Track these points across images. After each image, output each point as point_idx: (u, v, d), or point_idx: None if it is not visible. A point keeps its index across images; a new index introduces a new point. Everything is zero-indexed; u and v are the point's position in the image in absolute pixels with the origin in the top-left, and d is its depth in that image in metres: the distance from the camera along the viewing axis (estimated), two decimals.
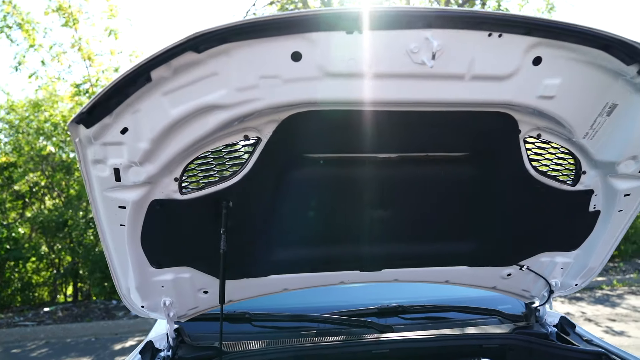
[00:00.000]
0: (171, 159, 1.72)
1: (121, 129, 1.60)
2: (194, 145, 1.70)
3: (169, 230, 1.99)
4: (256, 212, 2.01)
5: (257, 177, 1.87)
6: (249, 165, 1.83)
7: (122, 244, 1.96)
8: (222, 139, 1.75)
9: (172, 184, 1.83)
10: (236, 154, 1.84)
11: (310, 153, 1.91)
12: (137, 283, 2.11)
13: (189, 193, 1.89)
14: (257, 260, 2.20)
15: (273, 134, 1.74)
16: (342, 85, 1.57)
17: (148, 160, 1.69)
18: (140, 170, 1.72)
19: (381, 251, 2.30)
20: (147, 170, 1.72)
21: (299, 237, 2.20)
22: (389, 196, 2.13)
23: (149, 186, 1.79)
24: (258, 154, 1.80)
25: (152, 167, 1.72)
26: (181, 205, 1.89)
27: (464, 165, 2.04)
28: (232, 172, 1.87)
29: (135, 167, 1.70)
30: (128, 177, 1.73)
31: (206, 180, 1.89)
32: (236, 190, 1.89)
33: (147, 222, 1.91)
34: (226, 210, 1.93)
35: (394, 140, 1.91)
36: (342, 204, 2.13)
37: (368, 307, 2.58)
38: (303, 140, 1.81)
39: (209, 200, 1.91)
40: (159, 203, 1.87)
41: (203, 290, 2.26)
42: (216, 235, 2.00)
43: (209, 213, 1.97)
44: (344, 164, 1.99)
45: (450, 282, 2.49)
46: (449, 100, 1.68)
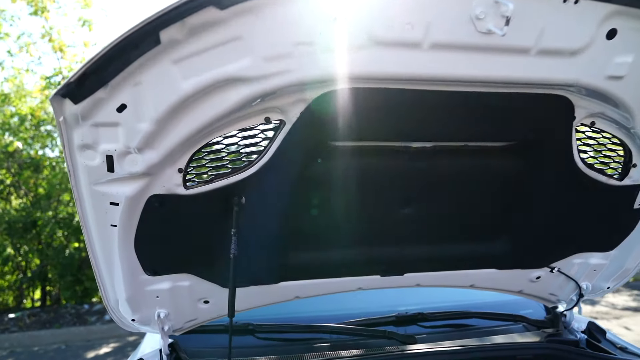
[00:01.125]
0: (177, 145, 1.39)
1: (118, 106, 1.27)
2: (205, 128, 1.39)
3: (169, 231, 1.66)
4: (271, 210, 1.70)
5: (276, 169, 1.56)
6: (268, 155, 1.53)
7: (112, 248, 1.62)
8: (238, 121, 1.44)
9: (176, 176, 1.50)
10: (253, 141, 1.53)
11: (337, 140, 1.62)
12: (128, 294, 1.77)
13: (195, 187, 1.56)
14: (268, 265, 1.89)
15: (300, 116, 1.44)
16: (391, 56, 1.29)
17: (149, 146, 1.36)
18: (138, 159, 1.39)
19: (405, 253, 2.03)
20: (147, 159, 1.39)
21: (316, 239, 1.90)
22: (418, 192, 1.86)
23: (148, 178, 1.46)
24: (280, 140, 1.49)
25: (154, 154, 1.39)
26: (184, 201, 1.57)
27: (506, 156, 1.79)
28: (247, 163, 1.56)
29: (133, 154, 1.37)
30: (123, 167, 1.40)
31: (216, 172, 1.57)
32: (250, 184, 1.58)
33: (143, 222, 1.58)
34: (238, 207, 1.62)
35: (433, 126, 1.63)
36: (367, 201, 1.84)
37: (384, 314, 2.31)
38: (333, 125, 1.51)
39: (218, 196, 1.60)
40: (159, 199, 1.54)
41: (204, 300, 1.94)
42: (224, 237, 1.68)
43: (216, 211, 1.65)
44: (373, 155, 1.71)
45: (476, 286, 2.24)
46: (507, 79, 1.41)
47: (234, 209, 1.62)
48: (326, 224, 1.86)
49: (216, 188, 1.57)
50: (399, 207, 1.88)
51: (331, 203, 1.81)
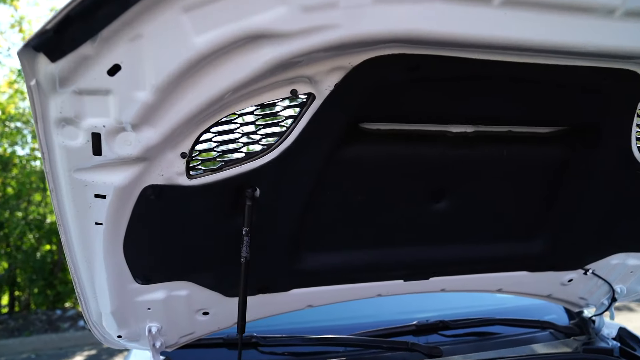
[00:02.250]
0: (181, 122, 1.09)
1: (110, 67, 0.96)
2: (218, 101, 1.09)
3: (166, 230, 1.36)
4: (288, 205, 1.42)
5: (299, 155, 1.28)
6: (291, 137, 1.24)
7: (96, 251, 1.30)
8: (257, 94, 1.15)
9: (178, 162, 1.20)
10: (274, 120, 1.25)
11: (373, 121, 1.35)
12: (115, 305, 1.45)
13: (200, 177, 1.26)
14: (279, 270, 1.61)
15: (335, 89, 1.16)
16: (455, 13, 1.02)
17: (147, 122, 1.06)
18: (133, 139, 1.08)
19: (432, 255, 1.78)
20: (144, 139, 1.09)
21: (335, 238, 1.63)
22: (454, 184, 1.61)
23: (144, 164, 1.16)
24: (307, 120, 1.21)
25: (152, 134, 1.09)
26: (187, 194, 1.27)
27: (553, 144, 1.55)
28: (264, 147, 1.27)
29: (127, 132, 1.07)
30: (113, 148, 1.09)
31: (226, 159, 1.28)
32: (267, 173, 1.29)
33: (136, 219, 1.27)
34: (251, 201, 1.33)
35: (478, 106, 1.38)
36: (396, 194, 1.58)
37: (402, 323, 2.04)
38: (372, 102, 1.24)
39: (228, 188, 1.30)
40: (156, 191, 1.23)
41: (203, 311, 1.64)
42: (232, 238, 1.39)
43: (225, 206, 1.35)
44: (409, 140, 1.45)
45: (504, 290, 2.00)
46: (582, 47, 1.16)
47: (246, 204, 1.33)
48: (348, 220, 1.58)
49: (226, 178, 1.27)
50: (431, 201, 1.62)
51: (357, 196, 1.53)
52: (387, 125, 1.40)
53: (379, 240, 1.68)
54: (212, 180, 1.27)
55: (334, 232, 1.60)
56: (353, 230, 1.62)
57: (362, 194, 1.54)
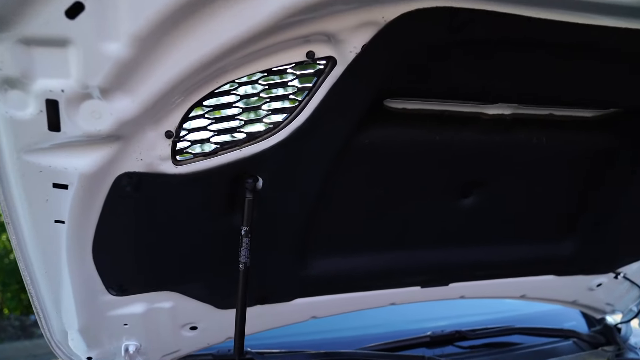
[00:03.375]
0: (167, 90, 0.83)
1: (68, 6, 0.69)
2: (214, 63, 0.83)
3: (146, 229, 1.09)
4: (295, 199, 1.16)
5: (313, 137, 1.03)
6: (304, 114, 0.98)
7: (58, 256, 1.03)
8: (264, 56, 0.89)
9: (161, 143, 0.94)
10: (283, 92, 1.00)
11: (396, 97, 1.11)
12: (83, 322, 1.18)
13: (189, 162, 1.00)
14: (282, 278, 1.35)
15: (362, 52, 0.91)
16: None
17: (122, 87, 0.80)
18: (103, 109, 0.82)
19: (453, 258, 1.54)
20: (118, 111, 0.82)
21: (346, 240, 1.38)
22: (483, 177, 1.38)
23: (117, 145, 0.89)
24: (325, 91, 0.96)
25: (128, 103, 0.82)
26: (172, 184, 1.00)
27: (602, 131, 1.33)
28: (269, 127, 1.01)
29: (94, 100, 0.80)
30: (77, 122, 0.82)
31: (221, 140, 1.02)
32: (273, 160, 1.04)
33: (107, 215, 1.00)
34: (252, 194, 1.07)
35: (521, 80, 1.14)
36: (416, 189, 1.34)
37: (413, 333, 1.81)
38: (401, 72, 1.00)
39: (223, 177, 1.04)
40: (133, 180, 0.96)
41: (190, 325, 1.37)
42: (227, 239, 1.14)
43: (219, 200, 1.09)
44: (436, 123, 1.21)
45: (527, 296, 1.79)
46: None
47: (246, 197, 1.07)
48: (363, 218, 1.34)
49: (221, 165, 1.01)
50: (457, 196, 1.39)
51: (374, 189, 1.29)
52: (415, 104, 1.16)
53: (396, 242, 1.44)
54: (204, 168, 1.01)
55: (346, 232, 1.35)
56: (367, 229, 1.38)
57: (380, 187, 1.30)
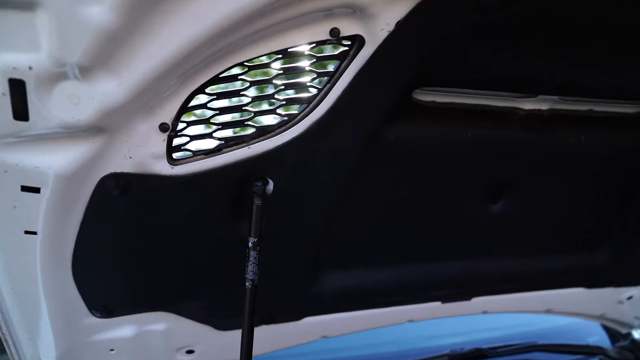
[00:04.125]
0: (161, 71, 0.68)
1: None
2: (219, 39, 0.68)
3: (135, 241, 0.92)
4: (310, 205, 1.00)
5: (333, 132, 0.87)
6: (325, 104, 0.83)
7: (29, 273, 0.86)
8: (278, 33, 0.74)
9: (155, 138, 0.78)
10: (301, 79, 0.84)
11: (428, 86, 0.95)
12: (62, 349, 1.00)
13: (187, 162, 0.83)
14: (291, 295, 1.18)
15: (396, 30, 0.76)
16: None
17: (106, 65, 0.63)
18: (82, 93, 0.65)
19: (478, 270, 1.39)
20: (102, 95, 0.66)
21: (361, 251, 1.22)
22: (514, 180, 1.23)
23: (101, 140, 0.73)
24: (350, 77, 0.80)
25: (114, 86, 0.66)
26: (167, 187, 0.84)
27: None
28: (284, 119, 0.85)
29: (71, 81, 0.64)
30: (49, 108, 0.65)
31: (226, 135, 0.86)
32: (286, 158, 0.88)
33: (89, 224, 0.83)
34: (261, 200, 0.91)
35: (564, 69, 1.00)
36: (441, 192, 1.19)
37: (432, 353, 1.65)
38: (437, 55, 0.85)
39: (228, 179, 0.88)
40: (120, 182, 0.80)
41: (186, 349, 1.19)
42: (231, 252, 0.97)
43: (222, 206, 0.93)
44: (467, 119, 1.06)
45: (553, 310, 1.64)
46: None
47: (254, 203, 0.91)
48: (381, 225, 1.18)
49: (226, 165, 0.85)
50: (486, 201, 1.24)
51: (394, 192, 1.14)
52: (445, 97, 1.02)
53: (418, 252, 1.28)
54: (205, 168, 0.85)
55: (363, 242, 1.19)
56: (386, 238, 1.22)
57: (403, 190, 1.14)
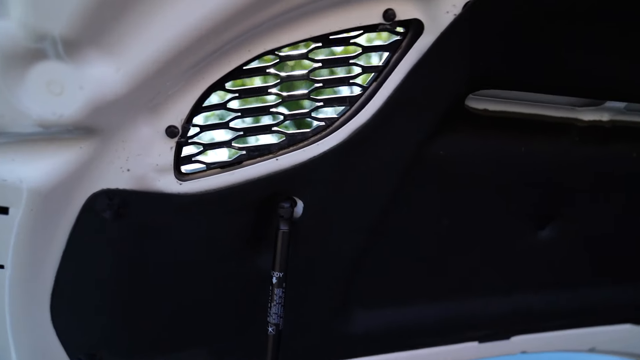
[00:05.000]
0: (170, 57, 0.52)
1: None
2: (245, 15, 0.52)
3: (130, 275, 0.74)
4: (345, 232, 0.83)
5: (379, 142, 0.71)
6: (373, 106, 0.66)
7: None
8: (318, 15, 0.59)
9: (160, 145, 0.60)
10: (343, 72, 0.68)
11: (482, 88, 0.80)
12: None
13: (200, 177, 0.66)
14: (317, 337, 0.99)
15: (464, 14, 0.60)
16: None
17: (100, 41, 0.48)
18: (66, 78, 0.49)
19: (520, 306, 1.21)
20: (93, 83, 0.50)
21: (396, 286, 1.04)
22: (566, 202, 1.07)
23: (90, 145, 0.56)
24: (404, 72, 0.64)
25: (110, 73, 0.50)
26: (173, 210, 0.66)
27: None
28: (320, 125, 0.69)
29: (51, 62, 0.48)
30: (20, 100, 0.49)
31: (249, 145, 0.69)
32: (322, 173, 0.71)
33: (73, 255, 0.66)
34: (288, 225, 0.74)
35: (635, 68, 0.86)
36: (486, 217, 1.02)
37: None
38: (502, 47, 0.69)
39: (248, 199, 0.71)
40: (114, 202, 0.62)
41: None
42: (248, 288, 0.79)
43: (238, 232, 0.75)
44: (520, 131, 0.91)
45: (597, 349, 1.45)
46: None
47: (279, 229, 0.73)
48: (420, 257, 1.01)
49: (247, 182, 0.68)
50: (532, 227, 1.07)
51: (438, 217, 0.97)
52: (498, 105, 0.86)
53: (457, 287, 1.11)
54: (221, 186, 0.67)
55: (399, 275, 1.02)
56: (425, 271, 1.05)
57: (445, 214, 0.98)
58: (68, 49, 0.46)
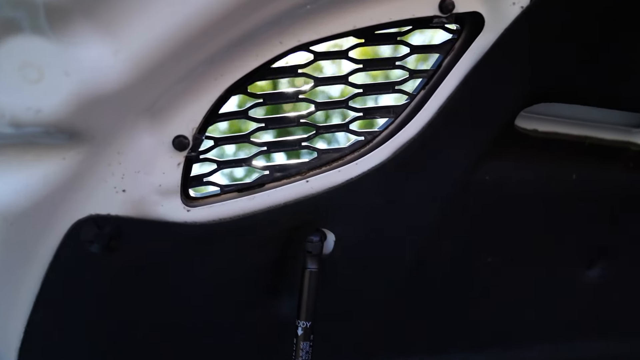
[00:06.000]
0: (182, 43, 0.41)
1: None
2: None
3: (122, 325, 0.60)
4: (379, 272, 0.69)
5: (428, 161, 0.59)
6: (421, 118, 0.55)
7: None
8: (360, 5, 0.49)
9: (164, 160, 0.48)
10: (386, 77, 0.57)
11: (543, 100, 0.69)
12: None
13: (212, 202, 0.54)
14: None
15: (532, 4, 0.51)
16: None
17: (92, 13, 0.37)
18: (46, 60, 0.37)
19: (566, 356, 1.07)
20: (83, 68, 0.38)
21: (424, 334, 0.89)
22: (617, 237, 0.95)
23: (76, 156, 0.44)
24: (460, 77, 0.54)
25: (106, 55, 0.38)
26: (178, 242, 0.54)
27: None
28: (359, 140, 0.57)
29: (27, 35, 0.37)
30: None
31: (273, 163, 0.57)
32: (358, 198, 0.59)
33: (50, 296, 0.52)
34: (317, 263, 0.60)
35: None
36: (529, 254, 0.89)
37: None
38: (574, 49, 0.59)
39: (269, 230, 0.58)
40: (105, 232, 0.49)
41: None
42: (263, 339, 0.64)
43: (256, 271, 0.62)
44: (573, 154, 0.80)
45: None
46: None
47: (307, 268, 0.60)
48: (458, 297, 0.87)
49: (269, 209, 0.55)
50: (580, 266, 0.94)
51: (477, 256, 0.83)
52: (548, 125, 0.75)
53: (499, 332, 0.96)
54: (238, 214, 0.54)
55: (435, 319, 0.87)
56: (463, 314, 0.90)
57: (485, 252, 0.85)
58: (53, 19, 0.35)
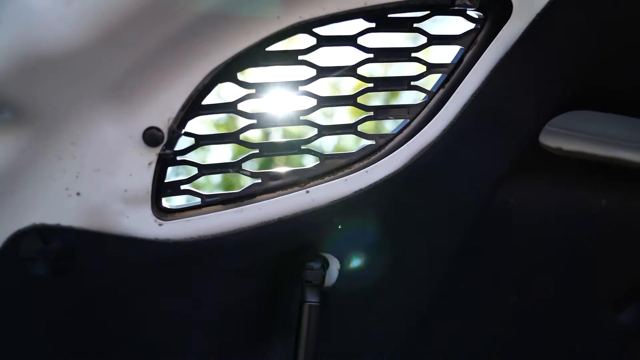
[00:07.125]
0: None
1: None
2: None
3: None
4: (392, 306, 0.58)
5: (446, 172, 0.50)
6: (441, 121, 0.46)
7: None
8: None
9: (132, 157, 0.38)
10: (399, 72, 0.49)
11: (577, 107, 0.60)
12: None
13: (188, 215, 0.44)
14: None
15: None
16: None
17: None
18: None
19: None
20: (21, 14, 0.29)
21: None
22: None
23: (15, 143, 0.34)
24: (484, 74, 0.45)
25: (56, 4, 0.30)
26: (145, 265, 0.43)
27: None
28: (369, 146, 0.48)
29: None
30: None
31: (267, 170, 0.48)
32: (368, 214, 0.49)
33: None
34: (318, 296, 0.49)
35: None
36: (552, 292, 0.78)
37: None
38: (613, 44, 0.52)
39: (260, 253, 0.48)
40: (52, 249, 0.39)
41: None
42: None
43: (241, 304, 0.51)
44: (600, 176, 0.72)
45: None
46: None
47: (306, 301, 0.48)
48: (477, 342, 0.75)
49: (260, 226, 0.45)
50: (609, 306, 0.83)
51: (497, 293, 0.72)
52: (574, 143, 0.67)
53: None
54: (222, 231, 0.44)
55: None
56: None
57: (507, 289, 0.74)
58: None
